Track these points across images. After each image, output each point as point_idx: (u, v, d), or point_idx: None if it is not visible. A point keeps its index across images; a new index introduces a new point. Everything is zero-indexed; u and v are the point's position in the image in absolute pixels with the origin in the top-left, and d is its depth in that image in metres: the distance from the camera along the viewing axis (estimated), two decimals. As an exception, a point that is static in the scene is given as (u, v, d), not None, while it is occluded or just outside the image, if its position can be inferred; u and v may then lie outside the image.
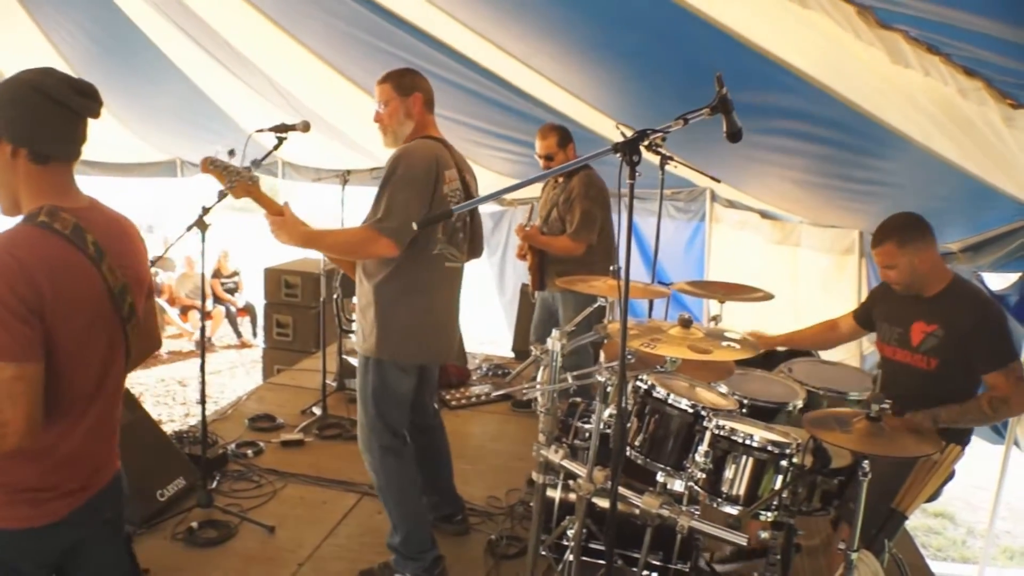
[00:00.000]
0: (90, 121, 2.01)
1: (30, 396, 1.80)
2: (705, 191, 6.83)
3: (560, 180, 5.15)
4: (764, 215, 6.33)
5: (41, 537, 1.99)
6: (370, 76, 6.41)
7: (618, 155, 2.20)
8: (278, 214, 3.19)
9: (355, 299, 3.50)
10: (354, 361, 5.91)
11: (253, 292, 10.77)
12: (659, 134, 2.27)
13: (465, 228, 3.50)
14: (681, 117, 2.28)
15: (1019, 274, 4.16)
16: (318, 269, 5.69)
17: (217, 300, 10.99)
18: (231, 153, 3.78)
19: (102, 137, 9.33)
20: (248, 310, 11.38)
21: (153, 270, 8.01)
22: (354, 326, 6.21)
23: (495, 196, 2.63)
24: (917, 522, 6.37)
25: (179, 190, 10.93)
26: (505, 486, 4.50)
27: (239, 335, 11.19)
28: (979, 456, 5.72)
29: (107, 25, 7.27)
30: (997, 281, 4.37)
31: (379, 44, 5.65)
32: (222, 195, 3.38)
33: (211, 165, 3.22)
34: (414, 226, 2.53)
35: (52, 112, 1.89)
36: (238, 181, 3.21)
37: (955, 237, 4.48)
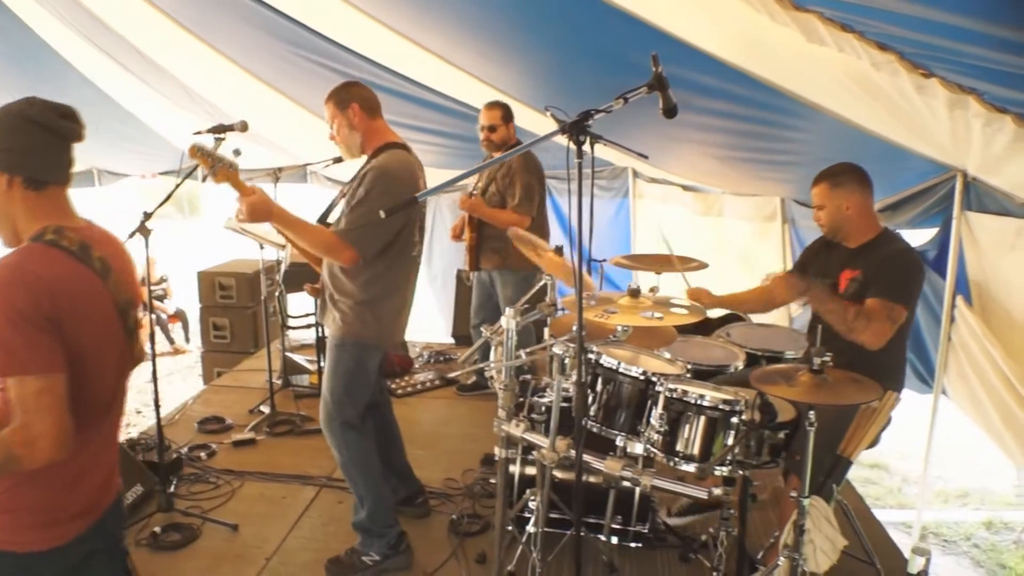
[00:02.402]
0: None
1: (58, 408, 1.83)
2: (627, 169, 6.99)
3: (496, 154, 5.21)
4: (686, 188, 6.52)
5: (58, 557, 2.01)
6: (289, 81, 6.46)
7: (564, 136, 2.28)
8: (244, 192, 3.27)
9: (328, 281, 3.57)
10: (297, 357, 5.96)
11: (184, 297, 10.61)
12: (602, 112, 2.36)
13: (422, 220, 3.70)
14: (621, 96, 2.36)
15: (935, 229, 4.37)
16: (252, 269, 5.67)
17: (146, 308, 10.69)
18: (218, 140, 3.84)
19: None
20: (179, 316, 11.22)
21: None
22: (294, 321, 6.26)
23: (453, 183, 2.73)
24: (854, 473, 6.59)
25: (97, 199, 10.67)
26: (460, 467, 4.61)
27: (171, 342, 11.02)
28: (908, 406, 6.02)
29: (9, 36, 7.07)
30: (915, 237, 4.58)
31: (296, 51, 5.69)
32: (204, 179, 3.41)
33: (198, 151, 3.26)
34: (381, 214, 2.59)
35: (41, 138, 1.93)
36: (220, 167, 3.26)
37: (874, 198, 4.70)
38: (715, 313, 4.69)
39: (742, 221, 6.13)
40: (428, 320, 9.19)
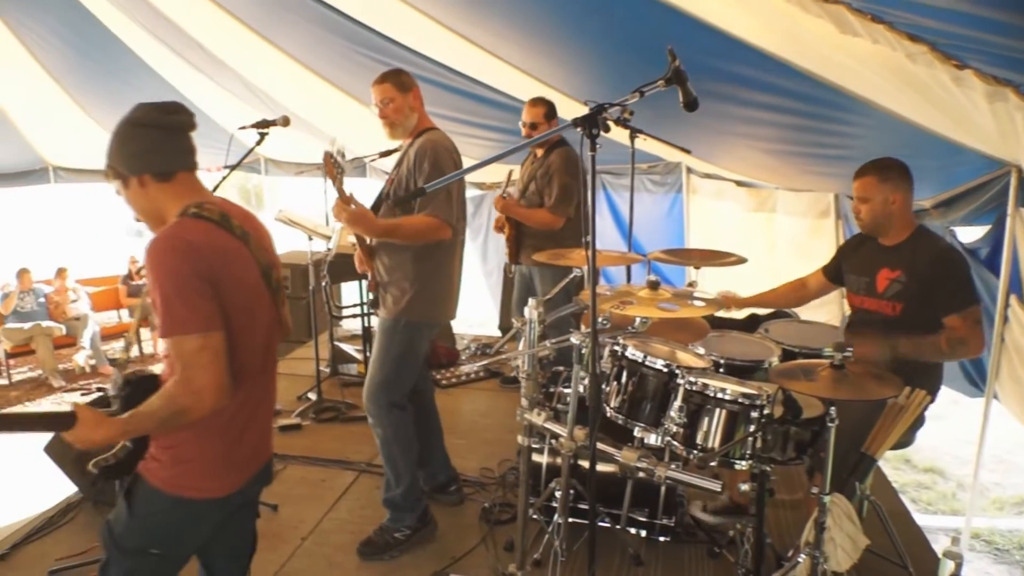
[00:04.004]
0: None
1: (217, 363, 2.03)
2: (680, 164, 6.94)
3: (538, 155, 5.24)
4: (740, 184, 6.44)
5: (221, 507, 2.26)
6: (346, 76, 6.59)
7: (579, 129, 2.29)
8: (347, 201, 3.44)
9: (381, 271, 3.71)
10: (345, 347, 6.07)
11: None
12: (617, 106, 2.38)
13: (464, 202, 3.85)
14: (637, 90, 2.37)
15: (988, 226, 4.26)
16: (305, 260, 5.80)
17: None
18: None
19: (88, 144, 9.42)
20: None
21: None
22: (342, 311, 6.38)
23: (471, 170, 2.82)
24: (908, 477, 6.52)
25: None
26: (497, 457, 4.66)
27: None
28: (966, 410, 5.84)
29: (82, 31, 7.36)
30: (969, 234, 4.47)
31: (353, 47, 5.81)
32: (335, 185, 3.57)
33: (332, 160, 3.50)
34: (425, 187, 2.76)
35: (155, 137, 2.14)
36: (340, 176, 3.51)
37: (927, 194, 4.59)
38: (763, 310, 4.65)
39: (796, 217, 6.04)
40: (485, 314, 9.25)
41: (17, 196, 11.25)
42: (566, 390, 3.44)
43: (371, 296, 3.82)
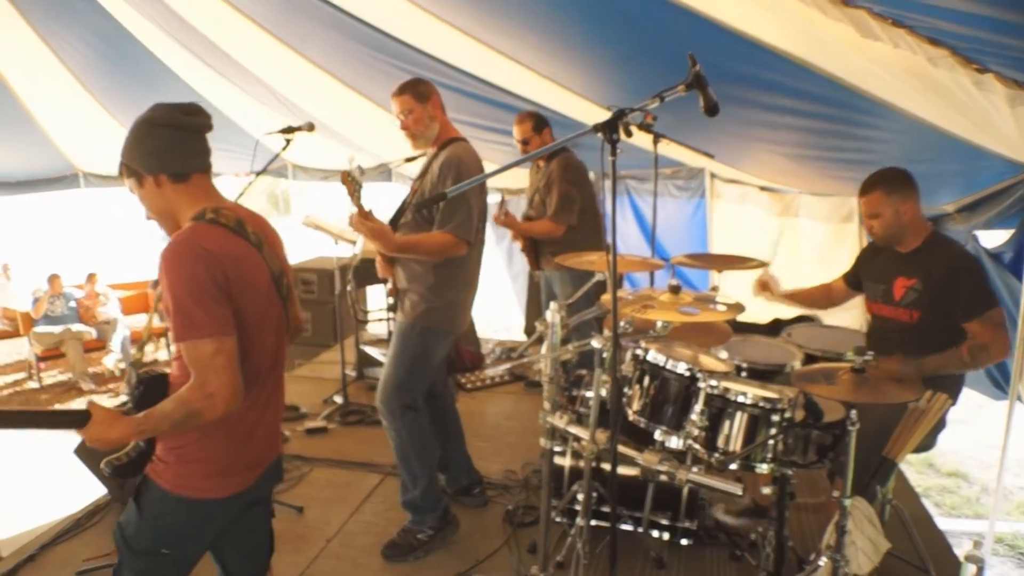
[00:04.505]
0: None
1: (230, 367, 2.07)
2: (704, 169, 6.95)
3: (541, 165, 5.29)
4: (763, 188, 6.43)
5: (228, 506, 2.29)
6: (369, 83, 6.66)
7: (599, 135, 2.32)
8: (365, 216, 3.48)
9: (401, 278, 3.76)
10: (371, 350, 6.13)
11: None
12: (637, 111, 2.41)
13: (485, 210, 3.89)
14: (657, 95, 2.40)
15: (1012, 230, 4.25)
16: (331, 265, 5.88)
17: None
18: (360, 169, 4.07)
19: (117, 150, 9.52)
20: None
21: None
22: (366, 310, 6.44)
23: (475, 182, 2.89)
24: (931, 481, 6.49)
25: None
26: (520, 460, 4.68)
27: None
28: (990, 414, 5.79)
29: (110, 39, 7.46)
30: (992, 238, 4.46)
31: (375, 54, 5.88)
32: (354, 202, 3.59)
33: (350, 177, 3.51)
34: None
35: (172, 137, 2.17)
36: (359, 192, 3.52)
37: (950, 198, 4.58)
38: (787, 314, 4.67)
39: (819, 222, 6.02)
40: (511, 319, 9.27)
41: (48, 201, 11.41)
42: (588, 394, 3.47)
43: (391, 301, 3.87)
